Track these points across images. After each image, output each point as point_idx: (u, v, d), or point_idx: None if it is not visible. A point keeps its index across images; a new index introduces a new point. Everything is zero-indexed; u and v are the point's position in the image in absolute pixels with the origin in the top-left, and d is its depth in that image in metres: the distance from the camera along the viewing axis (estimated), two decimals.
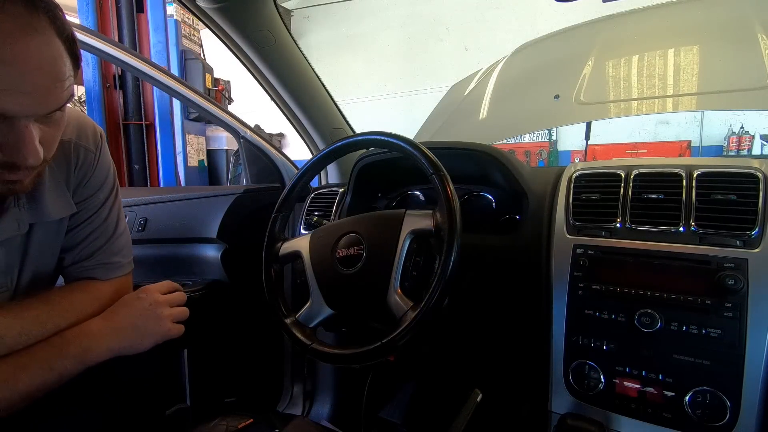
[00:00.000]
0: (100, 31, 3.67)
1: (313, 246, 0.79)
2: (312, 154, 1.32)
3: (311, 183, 1.10)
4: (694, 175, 0.76)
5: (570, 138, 6.28)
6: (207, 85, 4.13)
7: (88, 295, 0.69)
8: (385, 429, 1.02)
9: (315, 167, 0.87)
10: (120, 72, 3.84)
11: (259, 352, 1.37)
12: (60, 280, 0.74)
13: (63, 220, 0.68)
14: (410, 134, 0.86)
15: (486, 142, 1.03)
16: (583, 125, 1.84)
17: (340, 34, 7.28)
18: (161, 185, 4.01)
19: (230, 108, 4.24)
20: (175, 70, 3.88)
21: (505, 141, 5.63)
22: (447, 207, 0.66)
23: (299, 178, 0.86)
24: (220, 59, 3.81)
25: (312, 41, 7.30)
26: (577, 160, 5.74)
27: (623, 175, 0.81)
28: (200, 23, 1.65)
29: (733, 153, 5.25)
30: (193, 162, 4.23)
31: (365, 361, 0.67)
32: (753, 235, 0.68)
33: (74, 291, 0.68)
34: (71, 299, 0.66)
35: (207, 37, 4.50)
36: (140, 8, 3.87)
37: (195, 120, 4.20)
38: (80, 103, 3.82)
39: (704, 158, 1.55)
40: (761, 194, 0.71)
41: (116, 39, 3.81)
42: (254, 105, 3.98)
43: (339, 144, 0.82)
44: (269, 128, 5.87)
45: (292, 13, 7.42)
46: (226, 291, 1.26)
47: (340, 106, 1.39)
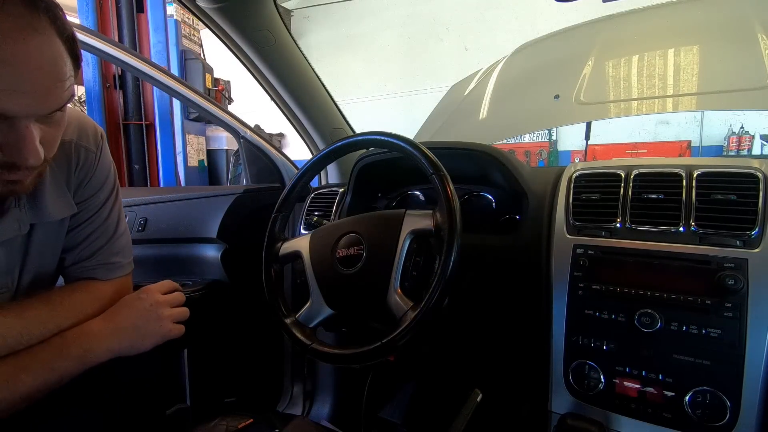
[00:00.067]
0: (100, 31, 3.67)
1: (313, 246, 0.79)
2: (312, 154, 1.32)
3: (311, 183, 1.10)
4: (694, 175, 0.76)
5: (570, 138, 6.28)
6: (207, 85, 4.13)
7: (88, 295, 0.69)
8: (385, 429, 1.02)
9: (315, 167, 0.87)
10: (120, 72, 3.85)
11: (259, 352, 1.37)
12: (60, 280, 0.74)
13: (64, 221, 0.68)
14: (410, 134, 0.86)
15: (486, 142, 1.03)
16: (583, 125, 1.84)
17: (340, 34, 7.28)
18: (161, 185, 4.01)
19: (230, 108, 4.24)
20: (175, 70, 3.88)
21: (505, 141, 5.63)
22: (447, 207, 0.66)
23: (299, 178, 0.86)
24: (220, 59, 3.82)
25: (312, 41, 7.30)
26: (577, 160, 5.74)
27: (623, 175, 0.81)
28: (200, 23, 1.65)
29: (733, 153, 5.25)
30: (193, 162, 4.23)
31: (365, 361, 0.67)
32: (753, 235, 0.68)
33: (75, 291, 0.68)
34: (72, 299, 0.66)
35: (207, 37, 4.50)
36: (140, 8, 3.87)
37: (195, 120, 4.20)
38: (80, 103, 3.82)
39: (704, 158, 1.55)
40: (761, 194, 0.71)
41: (116, 39, 3.81)
42: (254, 105, 3.98)
43: (339, 144, 0.82)
44: (269, 128, 5.87)
45: (292, 13, 7.42)
46: (226, 291, 1.26)
47: (340, 106, 1.39)
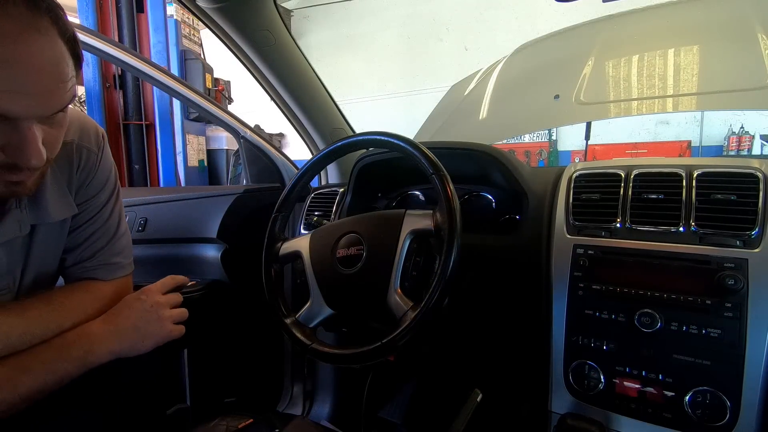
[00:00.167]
0: (100, 31, 3.67)
1: (313, 246, 0.79)
2: (312, 154, 1.32)
3: (311, 183, 1.10)
4: (694, 175, 0.76)
5: (570, 138, 6.28)
6: (207, 85, 4.13)
7: (89, 295, 0.69)
8: (385, 429, 1.02)
9: (315, 167, 0.87)
10: (120, 72, 3.84)
11: (259, 352, 1.37)
12: (60, 280, 0.74)
13: (65, 222, 0.68)
14: (410, 134, 0.86)
15: (486, 142, 1.03)
16: (583, 125, 1.84)
17: (340, 34, 7.27)
18: (161, 185, 4.01)
19: (230, 108, 4.24)
20: (175, 70, 3.88)
21: (505, 141, 5.62)
22: (447, 207, 0.66)
23: (299, 178, 0.86)
24: (220, 59, 3.81)
25: (312, 41, 7.30)
26: (577, 160, 5.74)
27: (623, 175, 0.81)
28: (200, 23, 1.65)
29: (733, 153, 5.25)
30: (193, 162, 4.23)
31: (365, 361, 0.67)
32: (753, 235, 0.68)
33: (76, 291, 0.68)
34: (73, 300, 0.66)
35: (207, 37, 4.50)
36: (140, 8, 3.87)
37: (195, 120, 4.20)
38: (80, 103, 3.82)
39: (704, 158, 1.55)
40: (761, 194, 0.71)
41: (116, 39, 3.81)
42: (254, 105, 3.98)
43: (339, 144, 0.82)
44: (269, 128, 5.87)
45: (292, 13, 7.42)
46: (226, 291, 1.25)
47: (340, 106, 1.39)
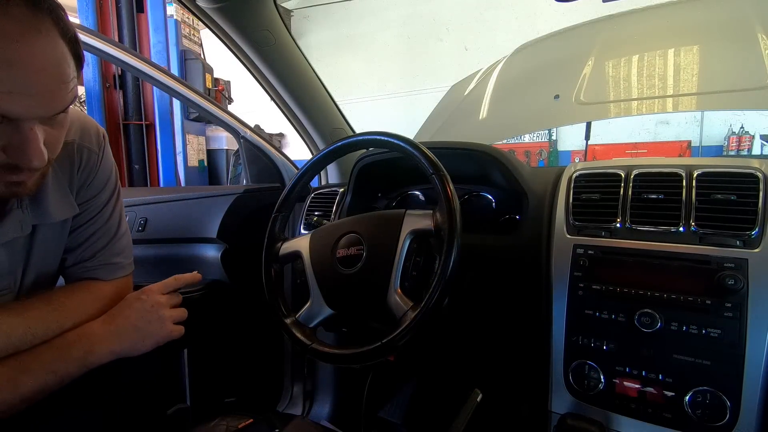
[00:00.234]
0: (100, 31, 3.67)
1: (313, 246, 0.79)
2: (312, 154, 1.32)
3: (311, 183, 1.10)
4: (694, 175, 0.76)
5: (570, 138, 6.28)
6: (207, 85, 4.13)
7: (90, 295, 0.69)
8: (385, 429, 1.02)
9: (315, 167, 0.87)
10: (120, 72, 3.84)
11: (259, 352, 1.37)
12: (60, 280, 0.74)
13: (66, 222, 0.68)
14: (410, 134, 0.86)
15: (486, 142, 1.03)
16: (583, 125, 1.84)
17: (340, 34, 7.27)
18: (161, 185, 4.01)
19: (230, 108, 4.24)
20: (175, 70, 3.88)
21: (505, 141, 5.63)
22: (447, 207, 0.66)
23: (299, 178, 0.86)
24: (220, 59, 3.81)
25: (312, 41, 7.30)
26: (577, 160, 5.74)
27: (623, 175, 0.81)
28: (200, 23, 1.65)
29: (733, 153, 5.25)
30: (193, 162, 4.23)
31: (365, 361, 0.67)
32: (753, 235, 0.68)
33: (77, 291, 0.68)
34: (74, 299, 0.66)
35: (207, 37, 4.50)
36: (140, 8, 3.87)
37: (195, 120, 4.20)
38: (80, 103, 3.82)
39: (704, 158, 1.55)
40: (761, 194, 0.71)
41: (116, 39, 3.81)
42: (254, 105, 3.97)
43: (339, 144, 0.82)
44: (269, 128, 5.87)
45: (292, 13, 7.42)
46: (226, 291, 1.25)
47: (340, 106, 1.39)
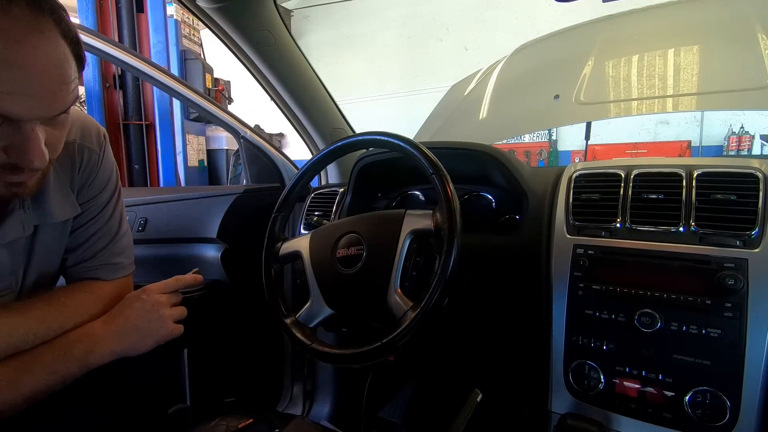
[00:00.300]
0: (100, 31, 3.67)
1: (313, 246, 0.79)
2: (312, 154, 1.32)
3: (311, 183, 1.10)
4: (694, 175, 0.76)
5: (570, 138, 6.28)
6: (207, 85, 4.13)
7: (91, 295, 0.69)
8: (385, 429, 1.02)
9: (315, 167, 0.87)
10: (120, 72, 3.84)
11: (259, 352, 1.37)
12: (61, 279, 0.74)
13: (67, 222, 0.68)
14: (410, 134, 0.86)
15: (486, 142, 1.03)
16: (583, 125, 1.84)
17: (340, 34, 7.27)
18: (161, 185, 4.01)
19: (230, 108, 4.24)
20: (175, 70, 3.88)
21: (505, 141, 5.63)
22: (447, 207, 0.66)
23: (299, 178, 0.86)
24: (220, 59, 3.81)
25: (312, 41, 7.30)
26: (577, 160, 5.74)
27: (623, 175, 0.81)
28: (200, 23, 1.65)
29: (733, 153, 5.25)
30: (193, 162, 4.23)
31: (365, 361, 0.67)
32: (753, 235, 0.68)
33: (78, 291, 0.68)
34: (75, 299, 0.66)
35: (207, 37, 4.50)
36: (140, 8, 3.87)
37: (195, 120, 4.20)
38: (80, 103, 3.82)
39: (704, 158, 1.55)
40: (761, 194, 0.71)
41: (116, 39, 3.81)
42: (254, 105, 3.98)
43: (339, 144, 0.82)
44: (269, 128, 5.87)
45: (292, 13, 7.41)
46: (226, 291, 1.25)
47: (340, 106, 1.39)
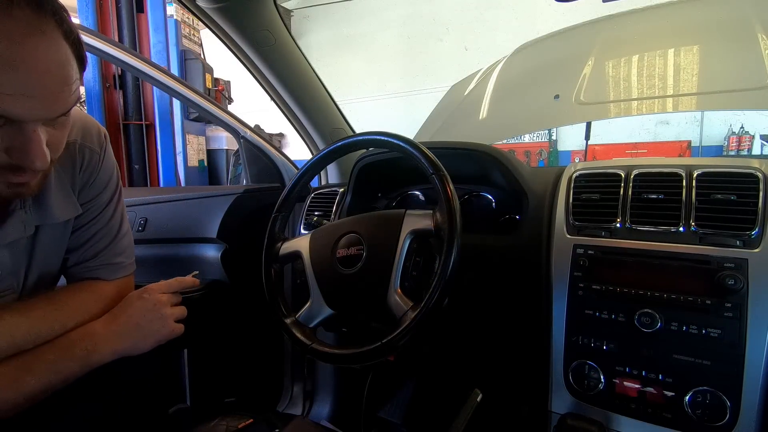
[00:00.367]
0: (100, 31, 3.67)
1: (313, 246, 0.79)
2: (312, 154, 1.32)
3: (311, 183, 1.10)
4: (694, 175, 0.76)
5: (570, 138, 6.28)
6: (207, 85, 4.13)
7: (92, 294, 0.69)
8: (385, 429, 1.02)
9: (315, 167, 0.87)
10: (120, 72, 3.84)
11: (259, 352, 1.37)
12: (62, 279, 0.74)
13: (68, 222, 0.68)
14: (410, 134, 0.86)
15: (486, 142, 1.03)
16: (583, 125, 1.84)
17: (340, 34, 7.27)
18: (161, 185, 4.01)
19: (230, 108, 4.24)
20: (175, 70, 3.88)
21: (505, 141, 5.63)
22: (447, 207, 0.66)
23: (299, 178, 0.86)
24: (220, 59, 3.81)
25: (312, 41, 7.30)
26: (577, 160, 5.74)
27: (623, 175, 0.81)
28: (200, 23, 1.65)
29: (733, 153, 5.25)
30: (193, 162, 4.23)
31: (365, 361, 0.67)
32: (753, 235, 0.68)
33: (79, 291, 0.68)
34: (77, 299, 0.66)
35: (207, 37, 4.50)
36: (140, 8, 3.87)
37: (195, 120, 4.20)
38: (80, 103, 3.82)
39: (704, 158, 1.55)
40: (761, 194, 0.71)
41: (116, 39, 3.81)
42: (254, 105, 3.98)
43: (339, 144, 0.82)
44: (269, 128, 5.87)
45: (292, 13, 7.41)
46: (226, 291, 1.25)
47: (340, 106, 1.39)
